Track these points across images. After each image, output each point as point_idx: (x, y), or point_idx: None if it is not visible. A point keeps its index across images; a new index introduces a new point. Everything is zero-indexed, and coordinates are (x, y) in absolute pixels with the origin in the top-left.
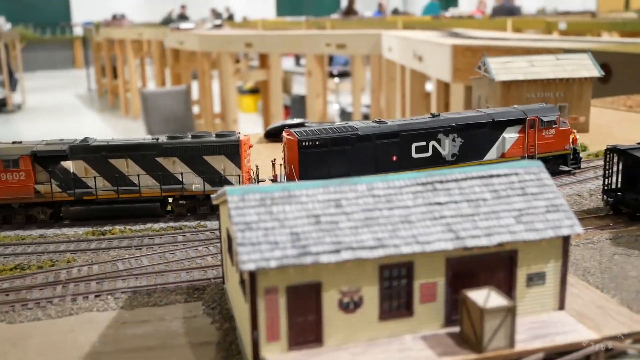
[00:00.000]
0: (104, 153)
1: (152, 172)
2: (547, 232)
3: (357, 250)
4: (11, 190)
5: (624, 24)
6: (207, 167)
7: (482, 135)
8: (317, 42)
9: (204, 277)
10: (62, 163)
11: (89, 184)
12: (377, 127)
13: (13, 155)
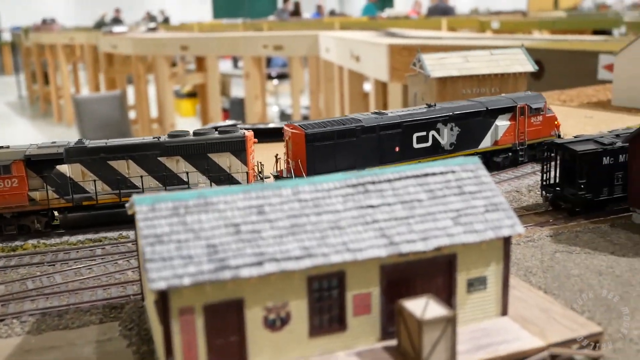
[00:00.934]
0: (102, 155)
1: (155, 173)
2: (487, 233)
3: (282, 262)
4: (2, 199)
5: (554, 22)
6: (212, 165)
7: (477, 123)
8: (254, 44)
9: (123, 294)
10: (58, 167)
11: (87, 189)
12: (380, 118)
13: (4, 161)
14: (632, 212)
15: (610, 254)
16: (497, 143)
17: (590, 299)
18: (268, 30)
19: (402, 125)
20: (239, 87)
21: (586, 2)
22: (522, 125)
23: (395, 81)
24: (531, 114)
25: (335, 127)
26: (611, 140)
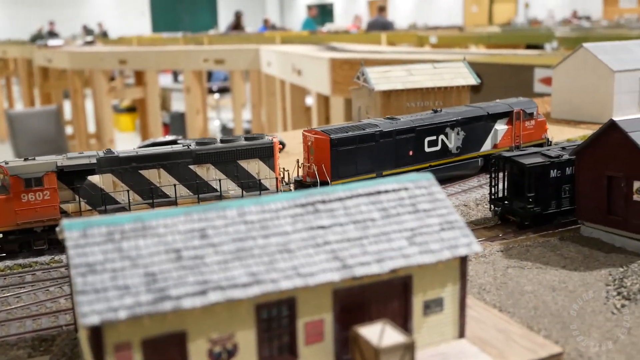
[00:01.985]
0: (134, 164)
1: (186, 181)
2: (444, 253)
3: (227, 290)
4: (34, 213)
5: (489, 37)
6: (241, 171)
7: (479, 128)
8: (194, 58)
9: (55, 325)
10: (89, 178)
11: (118, 199)
12: (395, 123)
13: (36, 173)
14: (580, 225)
15: (562, 268)
16: (497, 146)
17: (546, 316)
18: (209, 44)
19: (416, 130)
20: (180, 101)
21: (519, 18)
22: (517, 129)
23: (337, 95)
24: (525, 118)
25: (357, 132)
26: (558, 153)
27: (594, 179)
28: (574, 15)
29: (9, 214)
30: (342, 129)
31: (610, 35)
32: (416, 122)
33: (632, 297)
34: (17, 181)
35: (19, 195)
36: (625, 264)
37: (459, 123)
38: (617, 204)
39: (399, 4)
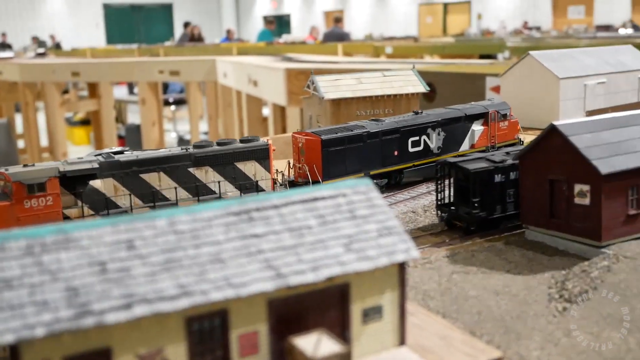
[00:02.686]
0: (135, 168)
1: (185, 184)
2: (381, 259)
3: (154, 303)
4: (37, 219)
5: (443, 47)
6: (238, 173)
7: (458, 128)
8: (149, 69)
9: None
10: (91, 183)
11: (119, 203)
12: (380, 124)
13: (40, 178)
14: (525, 229)
15: (506, 273)
16: (474, 146)
17: (489, 321)
18: (164, 55)
19: (400, 131)
20: (136, 113)
21: (472, 29)
22: (493, 129)
23: (293, 105)
24: (500, 119)
25: (346, 133)
26: (502, 158)
27: (537, 183)
28: (525, 26)
29: (11, 220)
30: (331, 130)
31: (559, 45)
32: (400, 123)
33: (573, 299)
34: (19, 187)
35: (21, 202)
36: (568, 266)
37: (440, 124)
38: (560, 207)
39: (355, 15)
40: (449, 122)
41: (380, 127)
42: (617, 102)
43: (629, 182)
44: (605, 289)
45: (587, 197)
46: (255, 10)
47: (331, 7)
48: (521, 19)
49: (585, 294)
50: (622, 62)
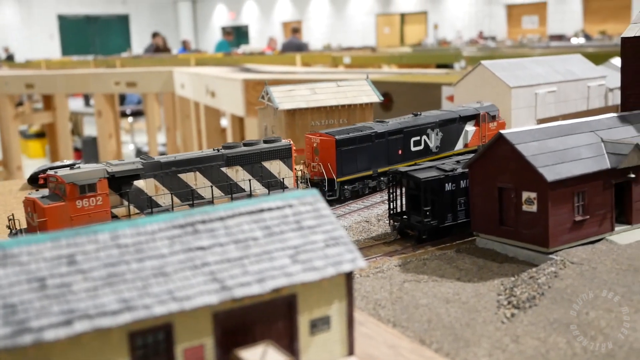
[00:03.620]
0: (174, 168)
1: (218, 183)
2: (328, 270)
3: (95, 318)
4: (88, 218)
5: (401, 57)
6: (265, 172)
7: (453, 129)
8: (105, 81)
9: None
10: (135, 183)
11: (160, 202)
12: (386, 125)
13: (90, 180)
14: (476, 237)
15: (457, 280)
16: (467, 145)
17: (439, 329)
18: (121, 66)
19: (404, 131)
20: (92, 125)
21: (429, 39)
22: (484, 130)
23: (252, 116)
24: (489, 120)
25: (357, 133)
26: (452, 167)
27: (486, 190)
28: (480, 36)
29: (65, 220)
30: (343, 131)
31: (514, 54)
32: (403, 124)
33: (521, 305)
34: (72, 188)
35: (74, 202)
36: (517, 273)
37: (437, 125)
38: (509, 214)
39: (313, 25)
40: (445, 123)
41: (386, 127)
42: (567, 110)
43: (574, 188)
44: (552, 295)
45: (534, 205)
46: (213, 21)
47: (289, 18)
48: (477, 29)
49: (532, 300)
50: (571, 71)
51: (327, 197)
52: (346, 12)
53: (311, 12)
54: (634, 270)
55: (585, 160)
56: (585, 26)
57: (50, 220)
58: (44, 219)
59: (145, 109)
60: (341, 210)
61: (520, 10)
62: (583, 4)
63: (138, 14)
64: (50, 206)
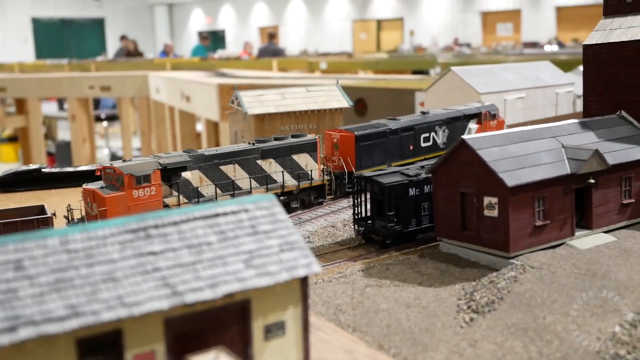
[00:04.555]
0: (216, 161)
1: (254, 175)
2: (282, 275)
3: (41, 325)
4: (143, 207)
5: (377, 63)
6: (294, 164)
7: (459, 126)
8: (79, 85)
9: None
10: (183, 174)
11: (204, 193)
12: (398, 122)
13: (146, 171)
14: (439, 242)
15: (419, 285)
16: None
17: (398, 334)
18: (96, 70)
19: (415, 128)
20: (67, 130)
21: (405, 45)
22: (485, 127)
23: (226, 121)
24: (490, 118)
25: (373, 129)
26: (416, 172)
27: (449, 195)
28: (456, 43)
29: (123, 209)
30: (361, 128)
31: (488, 61)
32: (414, 122)
33: (480, 310)
34: (130, 179)
35: (130, 192)
36: (478, 277)
37: (445, 122)
38: (471, 219)
39: (289, 31)
40: (451, 120)
41: (399, 125)
42: (536, 117)
43: (535, 194)
44: (511, 299)
45: (495, 210)
46: (190, 26)
47: (266, 23)
48: (452, 35)
49: (492, 304)
50: (540, 78)
51: (346, 189)
52: (323, 17)
53: (288, 17)
54: (592, 275)
55: (546, 166)
56: (558, 34)
57: (110, 209)
58: (105, 207)
59: (119, 113)
60: (308, 215)
61: (494, 17)
62: (556, 12)
63: (114, 18)
64: (110, 196)
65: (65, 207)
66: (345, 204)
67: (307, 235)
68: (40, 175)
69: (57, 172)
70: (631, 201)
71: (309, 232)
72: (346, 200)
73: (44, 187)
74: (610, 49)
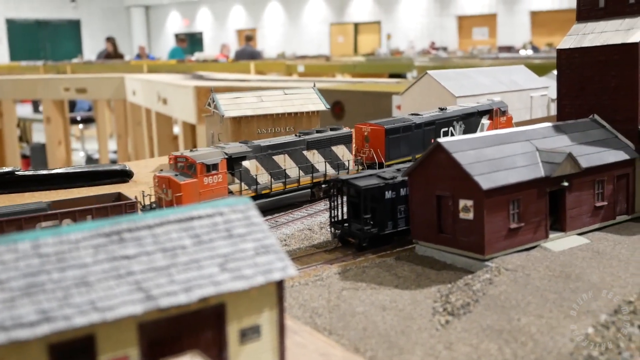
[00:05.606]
0: (270, 151)
1: (301, 164)
2: (257, 278)
3: (12, 330)
4: (212, 193)
5: (354, 66)
6: (333, 155)
7: (473, 122)
8: (54, 87)
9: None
10: (243, 163)
11: (260, 180)
12: (421, 117)
13: (215, 159)
14: (415, 244)
15: (395, 288)
16: None
17: (374, 337)
18: (72, 72)
19: (436, 122)
20: (41, 132)
21: (382, 49)
22: (496, 123)
23: (203, 123)
24: (500, 115)
25: (400, 124)
26: (392, 175)
27: (425, 198)
28: (432, 46)
29: (195, 194)
30: (389, 122)
31: (464, 65)
32: (435, 117)
33: (455, 312)
34: (202, 167)
35: (202, 179)
36: (453, 280)
37: (461, 117)
38: (447, 222)
39: (267, 33)
40: (467, 116)
41: (422, 119)
42: None
43: (510, 196)
44: (486, 301)
45: (471, 212)
46: (167, 28)
47: (243, 26)
48: (429, 39)
49: (467, 306)
50: (515, 82)
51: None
52: (300, 20)
53: (265, 20)
54: (565, 277)
55: (520, 169)
56: (533, 38)
57: (185, 194)
58: (180, 193)
59: (96, 115)
60: (284, 218)
61: (470, 21)
62: (531, 17)
63: (90, 20)
64: (185, 182)
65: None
66: (322, 207)
67: (283, 239)
68: (14, 178)
69: (30, 175)
70: (604, 204)
71: (285, 235)
72: (323, 204)
73: (17, 190)
74: (583, 54)
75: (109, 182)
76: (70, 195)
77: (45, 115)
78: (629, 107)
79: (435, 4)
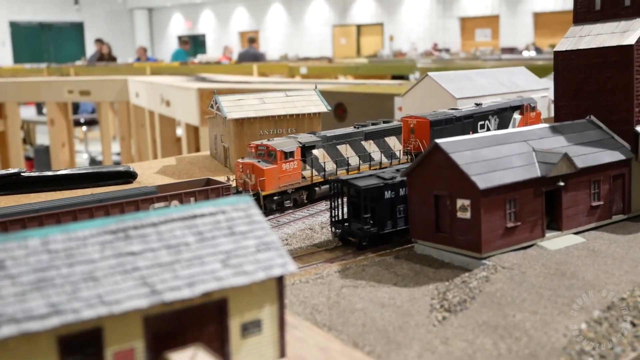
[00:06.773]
0: (334, 141)
1: (358, 154)
2: (258, 274)
3: (23, 322)
4: (288, 178)
5: (357, 68)
6: (385, 146)
7: (506, 116)
8: (58, 89)
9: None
10: (313, 151)
11: (327, 167)
12: (460, 111)
13: (292, 147)
14: (414, 243)
15: (393, 285)
16: None
17: (372, 332)
18: (75, 75)
19: (474, 116)
20: (45, 134)
21: (385, 50)
22: (527, 118)
23: (206, 125)
24: (530, 110)
25: (443, 117)
26: (392, 175)
27: (423, 198)
28: (435, 48)
29: (275, 179)
30: (432, 115)
31: (467, 66)
32: (472, 111)
33: (452, 309)
34: (281, 154)
35: (281, 165)
36: (451, 278)
37: (496, 112)
38: (444, 221)
39: (270, 35)
40: (501, 111)
41: (461, 113)
42: None
43: (506, 196)
44: (483, 298)
45: (468, 212)
46: (170, 30)
47: (246, 28)
48: (431, 41)
49: (464, 303)
50: (515, 83)
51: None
52: (303, 22)
53: (268, 22)
54: (560, 275)
55: (517, 169)
56: (536, 39)
57: (267, 178)
58: (263, 178)
59: (99, 117)
60: (285, 218)
61: (473, 23)
62: (534, 18)
63: (93, 22)
64: (268, 168)
65: None
66: (323, 207)
67: (285, 238)
68: (20, 180)
69: (36, 176)
70: (599, 203)
71: (287, 234)
72: (324, 204)
73: (23, 191)
74: (580, 56)
75: (114, 183)
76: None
77: (49, 118)
78: (624, 108)
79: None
